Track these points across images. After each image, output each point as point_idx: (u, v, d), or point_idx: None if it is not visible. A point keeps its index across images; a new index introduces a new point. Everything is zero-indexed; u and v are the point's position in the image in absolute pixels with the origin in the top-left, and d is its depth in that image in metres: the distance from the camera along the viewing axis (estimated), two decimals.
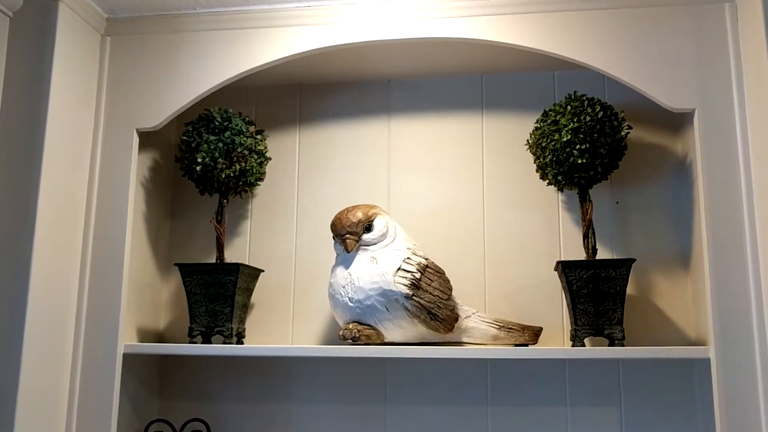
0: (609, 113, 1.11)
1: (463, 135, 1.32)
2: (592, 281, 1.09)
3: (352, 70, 1.32)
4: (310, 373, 1.27)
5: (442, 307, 1.11)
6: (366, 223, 1.15)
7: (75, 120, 1.13)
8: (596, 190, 1.20)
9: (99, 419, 1.09)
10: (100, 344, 1.11)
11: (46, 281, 1.04)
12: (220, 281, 1.18)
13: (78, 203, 1.13)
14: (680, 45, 1.07)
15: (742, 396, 0.96)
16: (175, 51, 1.19)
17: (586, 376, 1.20)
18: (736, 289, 0.99)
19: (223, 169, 1.18)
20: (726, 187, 1.02)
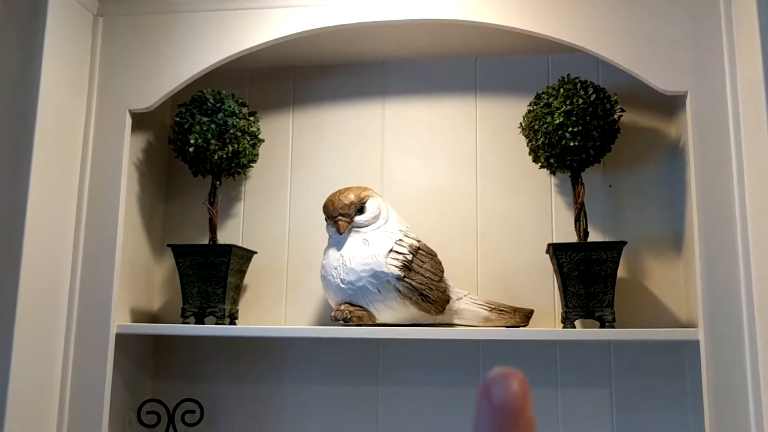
0: (602, 96, 1.11)
1: (456, 118, 1.32)
2: (583, 264, 1.09)
3: (345, 51, 1.31)
4: (303, 354, 1.28)
5: (434, 289, 1.12)
6: (358, 205, 1.15)
7: (67, 101, 1.12)
8: (588, 173, 1.20)
9: (92, 399, 1.09)
10: (93, 325, 1.11)
11: (38, 263, 1.04)
12: (212, 262, 1.19)
13: (70, 184, 1.13)
14: (673, 27, 1.07)
15: (731, 378, 0.97)
16: (168, 31, 1.19)
17: (577, 358, 1.21)
18: (726, 272, 0.99)
19: (215, 150, 1.18)
20: (717, 170, 1.02)
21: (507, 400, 0.27)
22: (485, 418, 0.27)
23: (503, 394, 0.27)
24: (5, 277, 1.01)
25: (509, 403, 0.27)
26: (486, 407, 0.27)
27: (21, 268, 1.01)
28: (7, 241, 1.02)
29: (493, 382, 0.28)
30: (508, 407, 0.27)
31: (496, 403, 0.27)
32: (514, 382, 0.28)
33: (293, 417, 1.26)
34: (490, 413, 0.27)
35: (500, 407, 0.27)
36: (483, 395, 0.28)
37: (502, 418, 0.27)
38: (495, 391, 0.28)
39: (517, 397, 0.28)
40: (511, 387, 0.28)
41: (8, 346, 0.99)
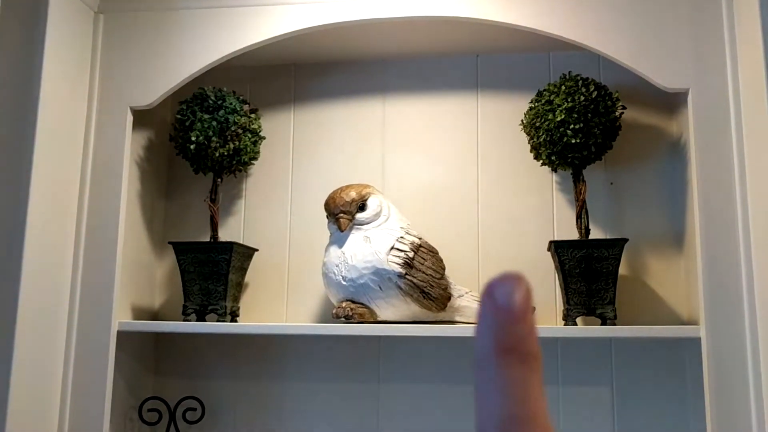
0: (603, 93, 1.11)
1: (458, 115, 1.31)
2: (584, 261, 1.09)
3: (346, 49, 1.31)
4: (304, 351, 1.28)
5: (435, 286, 1.12)
6: (359, 203, 1.15)
7: (68, 98, 1.12)
8: (590, 171, 1.20)
9: (93, 397, 1.09)
10: (94, 322, 1.11)
11: (39, 260, 1.04)
12: (213, 260, 1.19)
13: (71, 182, 1.13)
14: (675, 24, 1.06)
15: (732, 376, 0.97)
16: (169, 29, 1.19)
17: (578, 355, 1.21)
18: (727, 269, 0.99)
19: (216, 147, 1.18)
20: (719, 168, 1.02)
21: (511, 300, 0.26)
22: (488, 318, 0.27)
23: (508, 295, 0.26)
24: (7, 274, 1.01)
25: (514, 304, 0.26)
26: (489, 306, 0.26)
27: (22, 266, 1.01)
28: (9, 238, 1.02)
29: (498, 282, 0.27)
30: (513, 308, 0.26)
31: (500, 303, 0.26)
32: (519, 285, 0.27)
33: (294, 414, 1.26)
34: (494, 313, 0.26)
35: (504, 308, 0.26)
36: (487, 295, 0.27)
37: (506, 319, 0.26)
38: (499, 291, 0.27)
39: (522, 298, 0.27)
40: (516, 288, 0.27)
41: (10, 343, 0.99)
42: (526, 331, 0.26)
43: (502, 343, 0.26)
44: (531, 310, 0.27)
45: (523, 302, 0.26)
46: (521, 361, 0.26)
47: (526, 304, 0.26)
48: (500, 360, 0.26)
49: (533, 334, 0.26)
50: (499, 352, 0.26)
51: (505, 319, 0.26)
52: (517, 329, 0.26)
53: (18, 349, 0.99)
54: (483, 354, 0.26)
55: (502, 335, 0.26)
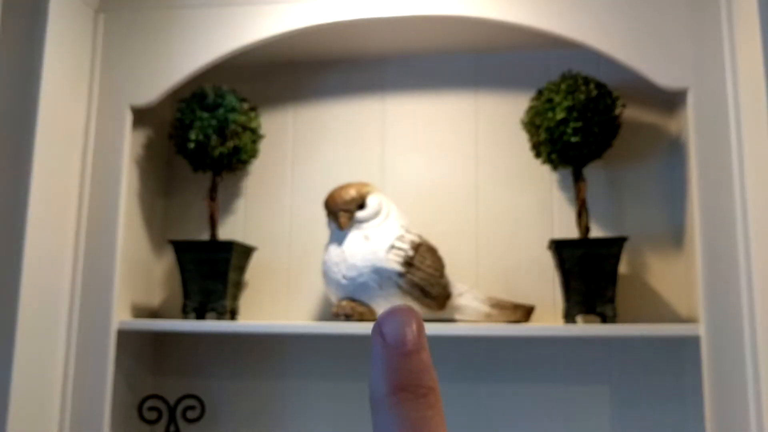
0: (603, 91, 1.11)
1: (457, 113, 1.31)
2: (584, 259, 1.09)
3: (346, 47, 1.31)
4: (304, 350, 1.28)
5: (435, 285, 1.12)
6: (359, 201, 1.15)
7: (68, 97, 1.12)
8: (590, 169, 1.20)
9: (93, 395, 1.09)
10: (94, 321, 1.11)
11: (39, 259, 1.04)
12: (213, 258, 1.19)
13: (71, 179, 1.13)
14: (674, 23, 1.06)
15: (731, 374, 0.97)
16: (168, 27, 1.18)
17: (578, 353, 1.21)
18: (726, 267, 0.99)
19: (216, 146, 1.18)
20: (718, 166, 1.02)
21: (401, 336, 0.26)
22: (379, 356, 0.26)
23: (397, 330, 0.26)
24: (7, 273, 1.01)
25: (403, 340, 0.26)
26: (379, 344, 0.26)
27: (22, 265, 1.01)
28: (9, 237, 1.02)
29: (386, 318, 0.26)
30: (403, 344, 0.26)
31: (389, 340, 0.26)
32: (407, 319, 0.26)
33: (294, 413, 1.26)
34: (384, 350, 0.26)
35: (393, 344, 0.26)
36: (376, 333, 0.26)
37: (397, 356, 0.26)
38: (388, 327, 0.26)
39: (412, 333, 0.26)
40: (405, 323, 0.26)
41: (10, 342, 0.99)
42: (418, 366, 0.26)
43: (395, 381, 0.25)
44: (423, 344, 0.26)
45: (413, 336, 0.26)
46: (416, 397, 0.25)
47: (418, 338, 0.26)
48: (394, 399, 0.25)
49: (427, 368, 0.26)
50: (392, 391, 0.25)
51: (396, 357, 0.26)
52: (409, 365, 0.25)
53: (18, 347, 0.99)
54: (377, 395, 0.26)
55: (394, 373, 0.25)
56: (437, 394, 0.26)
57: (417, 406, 0.25)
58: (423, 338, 0.26)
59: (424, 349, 0.26)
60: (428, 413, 0.25)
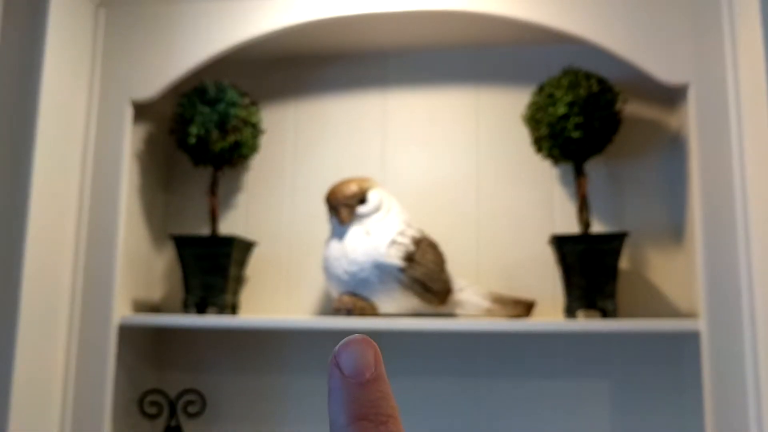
0: (604, 87, 1.11)
1: (458, 108, 1.31)
2: (585, 255, 1.09)
3: (347, 42, 1.31)
4: (305, 345, 1.28)
5: (436, 280, 1.12)
6: (360, 196, 1.15)
7: (69, 91, 1.12)
8: (591, 165, 1.20)
9: (94, 390, 1.09)
10: (94, 316, 1.11)
11: (40, 254, 1.04)
12: (214, 254, 1.19)
13: (72, 174, 1.13)
14: (675, 18, 1.06)
15: (731, 369, 0.97)
16: (169, 21, 1.18)
17: (578, 348, 1.21)
18: (727, 263, 1.00)
19: (217, 141, 1.18)
20: (719, 162, 1.02)
21: (357, 366, 0.26)
22: (337, 387, 0.26)
23: (353, 361, 0.26)
24: (8, 268, 1.01)
25: (360, 370, 0.26)
26: (337, 375, 0.26)
27: (24, 260, 1.01)
28: (10, 232, 1.02)
29: (342, 350, 0.26)
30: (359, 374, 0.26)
31: (346, 371, 0.26)
32: (363, 349, 0.26)
33: (295, 407, 1.27)
34: (342, 383, 0.26)
35: (351, 375, 0.26)
36: (333, 365, 0.27)
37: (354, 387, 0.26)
38: (343, 358, 0.26)
39: (368, 363, 0.26)
40: (360, 353, 0.26)
41: (12, 338, 0.99)
42: (377, 395, 0.26)
43: (354, 411, 0.25)
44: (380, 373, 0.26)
45: (369, 366, 0.26)
46: (376, 425, 0.25)
47: (374, 367, 0.26)
48: (354, 428, 0.25)
49: (385, 396, 0.26)
50: (351, 421, 0.25)
51: (354, 387, 0.26)
52: (367, 395, 0.26)
53: (20, 342, 0.99)
54: (336, 426, 0.26)
55: (353, 404, 0.25)
56: (397, 422, 0.26)
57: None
58: (380, 367, 0.26)
59: (382, 378, 0.26)
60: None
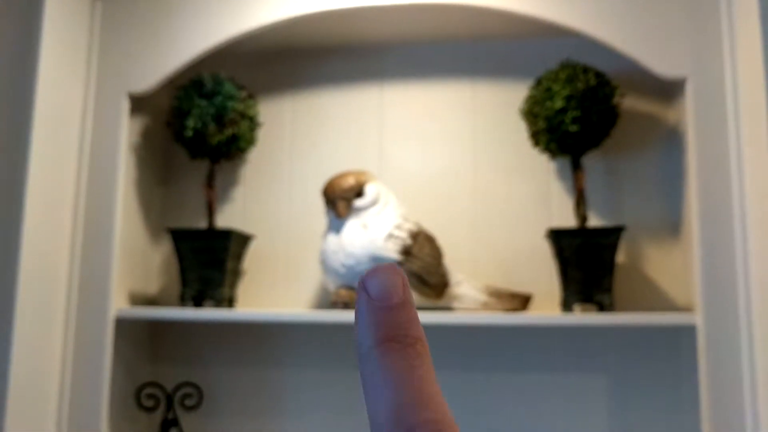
0: (602, 80, 1.11)
1: (455, 102, 1.31)
2: (582, 249, 1.09)
3: (344, 35, 1.31)
4: (302, 338, 1.28)
5: (433, 274, 1.12)
6: (358, 189, 1.15)
7: (65, 84, 1.12)
8: (588, 159, 1.20)
9: (91, 383, 1.09)
10: (91, 309, 1.11)
11: (37, 247, 1.04)
12: (211, 247, 1.18)
13: (68, 167, 1.13)
14: (672, 11, 1.06)
15: (727, 363, 0.97)
16: (166, 14, 1.18)
17: (575, 342, 1.21)
18: (723, 257, 1.00)
19: (214, 134, 1.18)
20: (716, 156, 1.02)
21: (385, 290, 0.26)
22: (364, 311, 0.26)
23: (381, 285, 0.26)
24: (4, 262, 1.01)
25: (388, 294, 0.26)
26: (364, 300, 0.26)
27: (20, 253, 1.00)
28: (6, 226, 1.01)
29: (370, 275, 0.26)
30: (387, 298, 0.26)
31: (374, 295, 0.26)
32: (391, 275, 0.26)
33: (292, 401, 1.27)
34: (369, 306, 0.26)
35: (378, 298, 0.26)
36: (360, 289, 0.26)
37: (382, 310, 0.25)
38: (372, 283, 0.26)
39: (397, 287, 0.26)
40: (389, 279, 0.26)
41: (9, 331, 0.99)
42: (404, 318, 0.26)
43: (381, 333, 0.25)
44: (408, 298, 0.26)
45: (397, 291, 0.26)
46: (403, 347, 0.25)
47: (402, 293, 0.26)
48: (381, 349, 0.25)
49: (413, 319, 0.26)
50: (378, 342, 0.25)
51: (382, 310, 0.25)
52: (394, 318, 0.25)
53: (17, 335, 0.99)
54: (364, 348, 0.26)
55: (380, 327, 0.25)
56: (425, 345, 0.26)
57: (404, 356, 0.25)
58: (408, 293, 0.26)
59: (410, 304, 0.26)
60: (416, 362, 0.25)
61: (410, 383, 0.24)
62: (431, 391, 0.24)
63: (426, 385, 0.24)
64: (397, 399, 0.24)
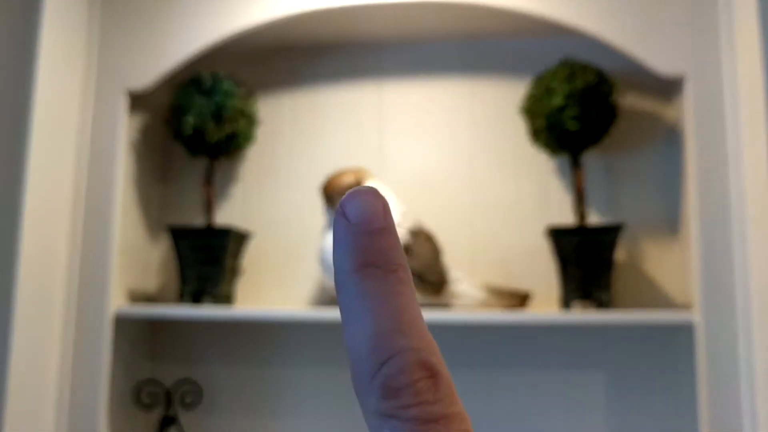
0: (601, 78, 1.11)
1: (454, 100, 1.31)
2: (581, 246, 1.09)
3: (343, 32, 1.30)
4: (301, 336, 1.28)
5: (432, 271, 1.12)
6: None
7: (65, 81, 1.12)
8: (587, 156, 1.20)
9: (90, 381, 1.09)
10: (90, 307, 1.11)
11: (36, 245, 1.04)
12: (210, 245, 1.18)
13: (67, 165, 1.13)
14: (671, 9, 1.06)
15: (725, 360, 0.98)
16: (165, 11, 1.18)
17: (573, 340, 1.21)
18: (722, 255, 1.00)
19: (212, 131, 1.18)
20: (715, 154, 1.02)
21: (366, 214, 0.24)
22: (343, 236, 0.24)
23: (360, 209, 0.24)
24: (3, 259, 1.01)
25: (368, 218, 0.24)
26: (343, 224, 0.24)
27: (19, 251, 1.00)
28: (5, 224, 1.01)
29: (349, 198, 0.24)
30: (367, 222, 0.24)
31: (353, 219, 0.24)
32: (372, 198, 0.24)
33: (291, 398, 1.27)
34: (348, 230, 0.24)
35: (359, 222, 0.24)
36: (339, 214, 0.24)
37: (361, 235, 0.23)
38: (350, 207, 0.24)
39: (378, 211, 0.24)
40: (369, 202, 0.24)
41: (8, 328, 0.99)
42: (386, 244, 0.24)
43: (361, 259, 0.23)
44: (390, 225, 0.24)
45: (378, 216, 0.24)
46: (385, 273, 0.23)
47: (383, 217, 0.24)
48: (361, 274, 0.23)
49: (395, 247, 0.24)
50: (358, 267, 0.23)
51: (362, 235, 0.24)
52: (376, 243, 0.24)
53: (16, 333, 0.99)
54: (342, 274, 0.24)
55: (360, 252, 0.24)
56: (408, 272, 0.24)
57: (385, 281, 0.23)
58: (390, 219, 0.24)
59: (392, 231, 0.24)
60: (398, 288, 0.23)
61: (390, 310, 0.23)
62: (412, 317, 0.23)
63: (407, 312, 0.23)
64: (376, 327, 0.22)
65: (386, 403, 0.22)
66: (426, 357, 0.22)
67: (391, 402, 0.22)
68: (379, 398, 0.22)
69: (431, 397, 0.22)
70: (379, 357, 0.22)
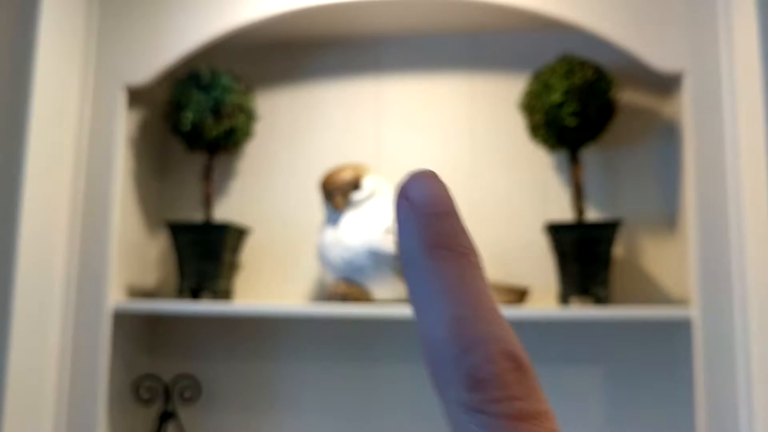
0: (600, 74, 1.11)
1: (453, 95, 1.31)
2: (579, 242, 1.10)
3: (341, 27, 1.30)
4: (299, 331, 1.29)
5: None
6: (355, 182, 1.15)
7: (63, 76, 1.11)
8: (585, 152, 1.20)
9: (89, 376, 1.10)
10: (89, 302, 1.11)
11: (34, 240, 1.04)
12: (208, 240, 1.19)
13: (66, 160, 1.13)
14: (670, 5, 1.06)
15: (722, 355, 0.98)
16: (164, 6, 1.17)
17: (571, 335, 1.21)
18: (720, 251, 1.00)
19: (211, 126, 1.18)
20: (713, 150, 1.02)
21: (432, 197, 0.23)
22: (407, 219, 0.23)
23: (427, 191, 0.23)
24: (1, 255, 1.01)
25: (435, 200, 0.23)
26: (406, 207, 0.23)
27: (18, 246, 1.00)
28: (4, 219, 1.01)
29: (411, 182, 0.23)
30: (435, 204, 0.23)
31: (419, 201, 0.23)
32: (436, 182, 0.23)
33: (290, 393, 1.27)
34: (413, 212, 0.23)
35: (425, 204, 0.23)
36: (401, 197, 0.23)
37: (429, 215, 0.23)
38: (415, 190, 0.23)
39: (444, 195, 0.23)
40: (435, 186, 0.23)
41: (6, 324, 0.99)
42: (454, 228, 0.23)
43: (430, 239, 0.22)
44: (457, 210, 0.23)
45: (444, 198, 0.23)
46: (457, 256, 0.22)
47: (449, 200, 0.23)
48: (432, 255, 0.22)
49: (463, 230, 0.23)
50: (428, 248, 0.22)
51: (429, 216, 0.23)
52: (443, 226, 0.23)
53: (14, 328, 0.99)
54: (411, 254, 0.22)
55: (428, 232, 0.22)
56: (478, 258, 0.23)
57: (459, 264, 0.22)
58: (454, 203, 0.23)
59: (458, 214, 0.23)
60: (473, 272, 0.22)
61: (467, 294, 0.21)
62: (492, 304, 0.21)
63: (486, 298, 0.22)
64: (454, 311, 0.21)
65: (472, 395, 0.20)
66: (511, 347, 0.21)
67: (478, 394, 0.20)
68: (464, 389, 0.20)
69: (519, 392, 0.20)
70: (461, 343, 0.21)
